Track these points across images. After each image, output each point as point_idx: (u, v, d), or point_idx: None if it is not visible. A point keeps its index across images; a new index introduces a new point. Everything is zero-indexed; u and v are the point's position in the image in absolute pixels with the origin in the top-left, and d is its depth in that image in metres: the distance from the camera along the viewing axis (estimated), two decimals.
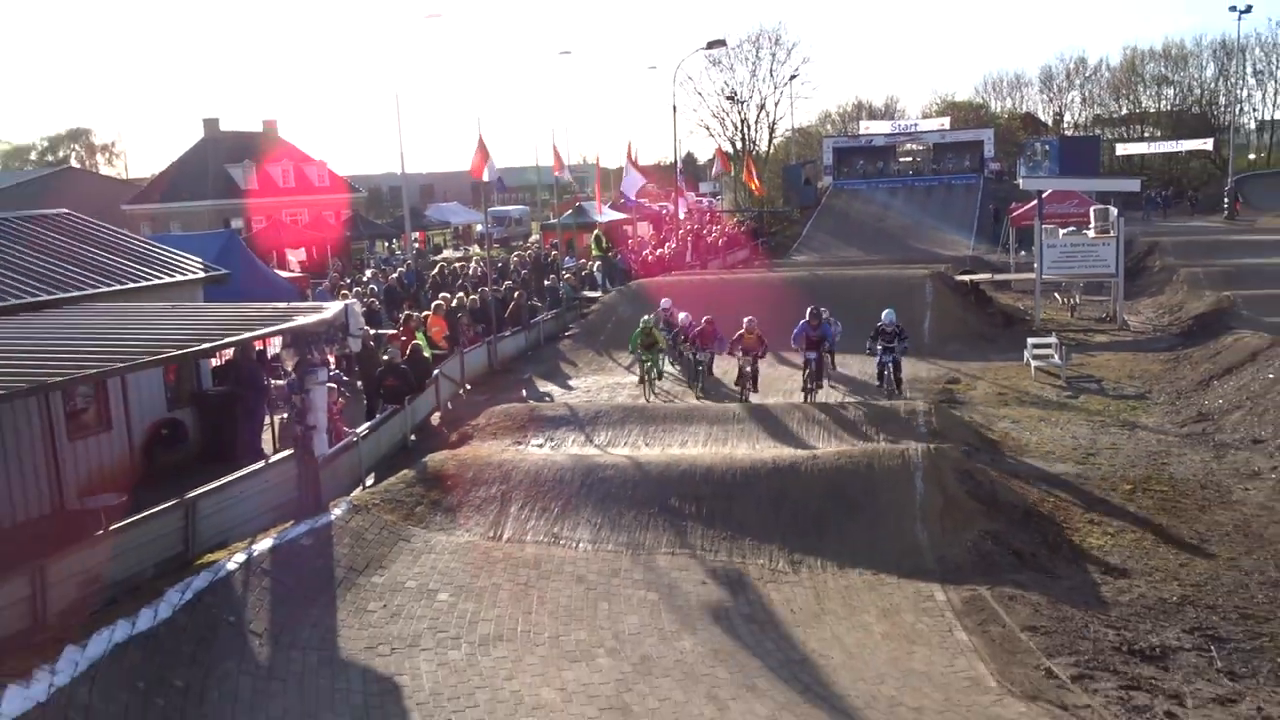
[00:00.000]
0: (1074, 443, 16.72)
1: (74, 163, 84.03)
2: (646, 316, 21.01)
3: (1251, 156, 67.49)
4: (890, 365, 19.07)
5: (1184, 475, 15.10)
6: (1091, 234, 27.31)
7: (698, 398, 20.01)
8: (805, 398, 18.73)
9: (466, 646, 10.41)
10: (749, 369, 19.07)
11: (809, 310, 19.01)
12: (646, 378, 20.10)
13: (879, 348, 19.15)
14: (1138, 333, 25.31)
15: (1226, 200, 48.84)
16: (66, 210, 18.22)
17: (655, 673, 10.10)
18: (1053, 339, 22.27)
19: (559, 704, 9.49)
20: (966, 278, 29.38)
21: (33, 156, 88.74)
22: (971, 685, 9.78)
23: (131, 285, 16.07)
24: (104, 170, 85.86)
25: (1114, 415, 18.33)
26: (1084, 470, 15.34)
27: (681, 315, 22.19)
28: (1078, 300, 28.27)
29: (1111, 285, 26.79)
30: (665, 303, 22.94)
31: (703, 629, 10.98)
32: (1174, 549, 12.58)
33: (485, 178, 25.40)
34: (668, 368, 21.57)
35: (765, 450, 15.07)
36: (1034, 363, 21.41)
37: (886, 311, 19.41)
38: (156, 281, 16.47)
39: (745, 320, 19.09)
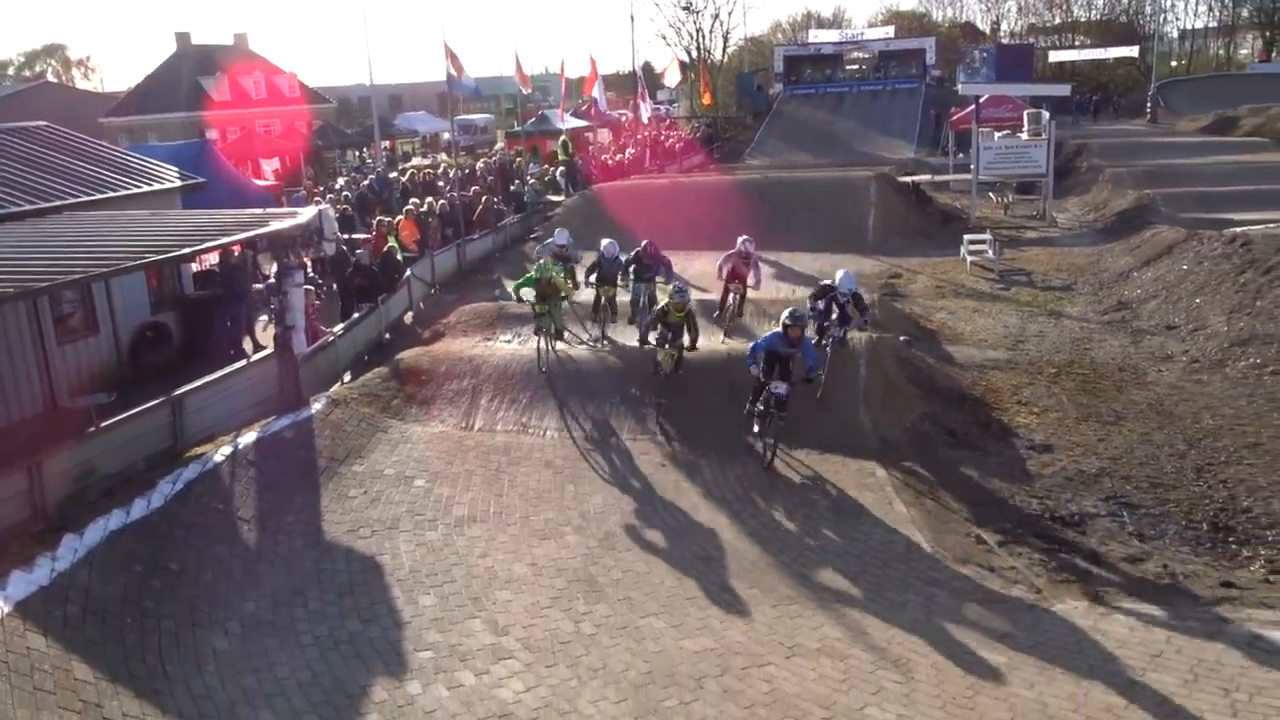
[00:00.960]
0: (1005, 331, 16.88)
1: (50, 77, 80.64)
2: (544, 259, 16.09)
3: (1173, 64, 67.08)
4: (833, 343, 13.30)
5: (1104, 359, 15.32)
6: (1024, 137, 27.16)
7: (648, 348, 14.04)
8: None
9: (443, 528, 10.48)
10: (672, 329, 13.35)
11: (785, 317, 11.95)
12: (543, 336, 14.30)
13: (823, 314, 13.46)
14: (1065, 229, 25.40)
15: (1149, 105, 48.70)
16: (46, 123, 17.53)
17: (619, 547, 10.24)
18: (987, 235, 22.32)
19: (530, 577, 9.62)
20: (908, 179, 29.25)
21: (10, 72, 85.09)
22: (909, 551, 10.01)
23: (111, 194, 15.57)
24: (80, 84, 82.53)
25: (1042, 305, 18.49)
26: (1013, 356, 15.51)
27: (605, 242, 16.46)
28: (1010, 199, 28.26)
29: (1042, 185, 26.78)
30: (609, 248, 16.29)
31: (663, 507, 11.10)
32: (1093, 426, 12.83)
33: (457, 90, 24.63)
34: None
35: (717, 342, 15.06)
36: (969, 258, 21.47)
37: (843, 273, 13.91)
38: (135, 190, 15.97)
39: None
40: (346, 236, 19.63)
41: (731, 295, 15.90)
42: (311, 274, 17.78)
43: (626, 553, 10.13)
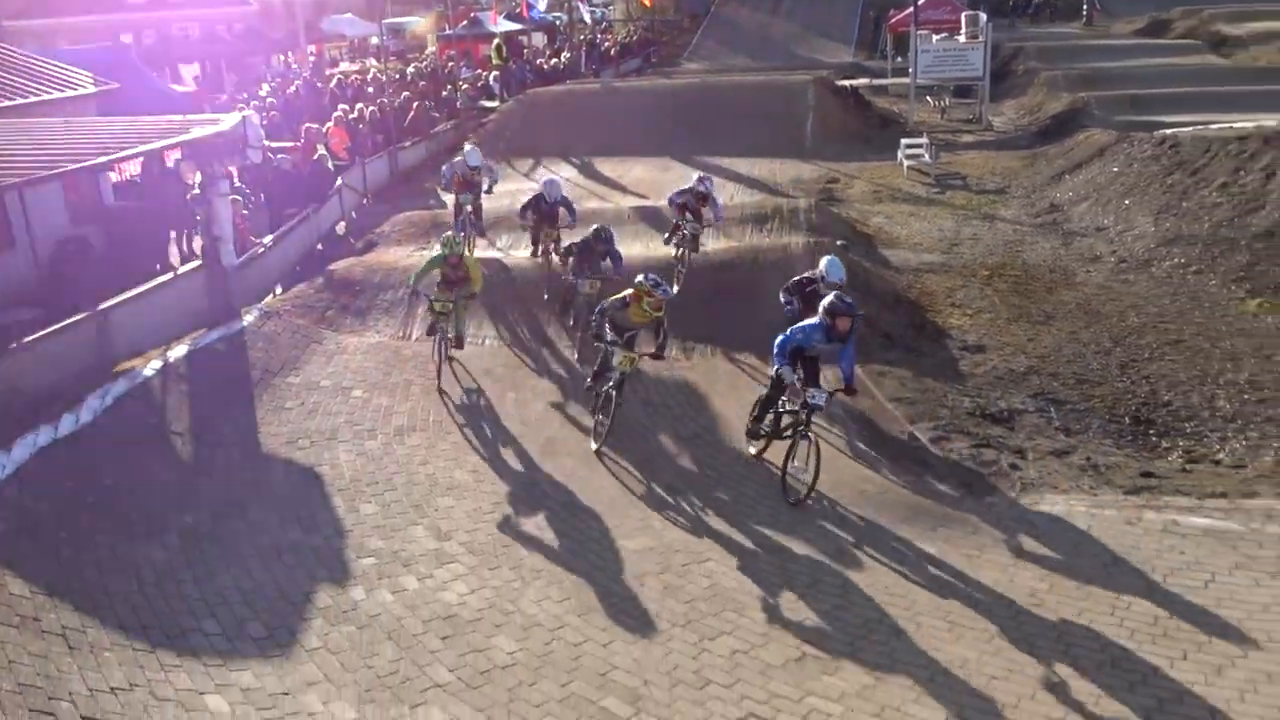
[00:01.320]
0: (939, 235, 17.06)
1: None
2: (450, 232, 13.12)
3: None
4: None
5: (1035, 261, 15.59)
6: (962, 39, 27.03)
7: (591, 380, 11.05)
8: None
9: (382, 437, 10.47)
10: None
11: (832, 300, 9.21)
12: (441, 339, 11.71)
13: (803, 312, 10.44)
14: (1000, 133, 25.51)
15: (1085, 7, 48.66)
16: None
17: (560, 453, 10.34)
18: (924, 139, 22.33)
19: (471, 483, 9.69)
20: (846, 83, 29.03)
21: None
22: (845, 450, 10.24)
23: (21, 101, 14.88)
24: None
25: (976, 209, 18.68)
26: (948, 259, 15.71)
27: (545, 180, 14.96)
28: (948, 103, 28.24)
29: (979, 88, 26.79)
30: (550, 187, 14.39)
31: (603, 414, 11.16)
32: (1023, 326, 13.12)
33: None
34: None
35: (657, 249, 15.02)
36: (906, 162, 21.52)
37: (830, 260, 10.98)
38: (47, 97, 15.26)
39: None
40: (274, 144, 19.06)
41: (684, 231, 14.21)
42: (238, 184, 17.27)
43: (567, 458, 10.23)
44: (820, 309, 9.26)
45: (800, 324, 9.46)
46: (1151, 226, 16.06)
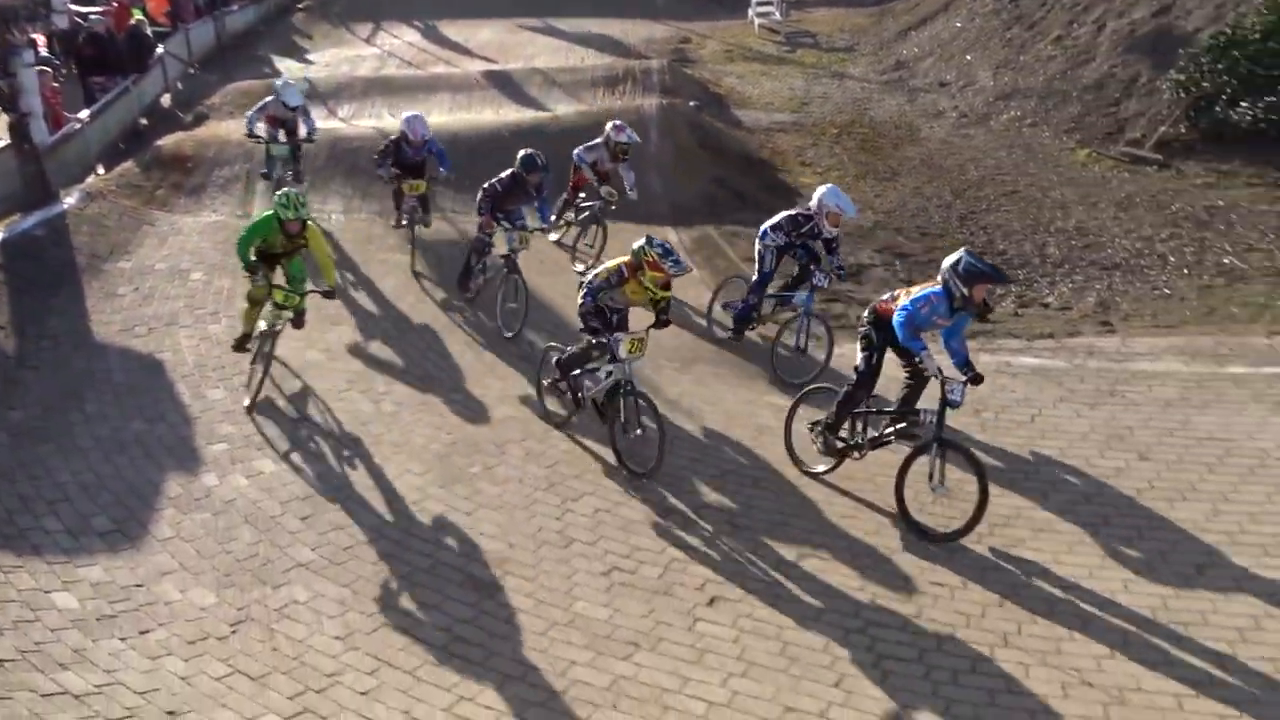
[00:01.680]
0: (790, 94, 17.09)
1: None
2: (288, 188, 9.31)
3: None
4: (807, 318, 9.41)
5: (882, 118, 15.85)
6: None
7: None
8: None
9: (226, 320, 10.03)
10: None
11: (968, 260, 6.75)
12: (261, 349, 8.81)
13: (806, 255, 9.53)
14: None
15: None
16: None
17: (415, 327, 10.15)
18: None
19: (325, 362, 9.47)
20: None
21: None
22: (700, 309, 10.38)
23: None
24: None
25: (826, 67, 18.76)
26: (799, 118, 15.80)
27: (406, 116, 11.45)
28: None
29: None
30: (413, 122, 11.25)
31: (458, 285, 10.95)
32: (871, 183, 13.40)
33: None
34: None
35: (508, 114, 14.60)
36: (757, 20, 21.37)
37: (830, 190, 9.43)
38: None
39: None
40: (82, 9, 17.45)
41: (585, 208, 11.65)
42: (45, 54, 15.80)
43: (423, 332, 10.05)
44: (946, 270, 6.76)
45: (920, 294, 6.94)
46: (991, 81, 16.47)
